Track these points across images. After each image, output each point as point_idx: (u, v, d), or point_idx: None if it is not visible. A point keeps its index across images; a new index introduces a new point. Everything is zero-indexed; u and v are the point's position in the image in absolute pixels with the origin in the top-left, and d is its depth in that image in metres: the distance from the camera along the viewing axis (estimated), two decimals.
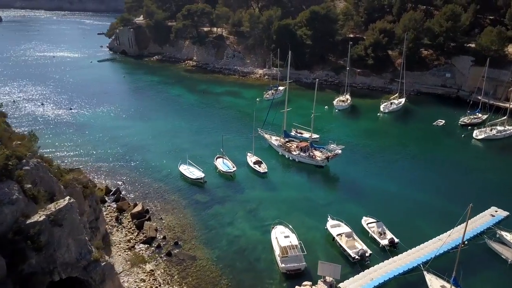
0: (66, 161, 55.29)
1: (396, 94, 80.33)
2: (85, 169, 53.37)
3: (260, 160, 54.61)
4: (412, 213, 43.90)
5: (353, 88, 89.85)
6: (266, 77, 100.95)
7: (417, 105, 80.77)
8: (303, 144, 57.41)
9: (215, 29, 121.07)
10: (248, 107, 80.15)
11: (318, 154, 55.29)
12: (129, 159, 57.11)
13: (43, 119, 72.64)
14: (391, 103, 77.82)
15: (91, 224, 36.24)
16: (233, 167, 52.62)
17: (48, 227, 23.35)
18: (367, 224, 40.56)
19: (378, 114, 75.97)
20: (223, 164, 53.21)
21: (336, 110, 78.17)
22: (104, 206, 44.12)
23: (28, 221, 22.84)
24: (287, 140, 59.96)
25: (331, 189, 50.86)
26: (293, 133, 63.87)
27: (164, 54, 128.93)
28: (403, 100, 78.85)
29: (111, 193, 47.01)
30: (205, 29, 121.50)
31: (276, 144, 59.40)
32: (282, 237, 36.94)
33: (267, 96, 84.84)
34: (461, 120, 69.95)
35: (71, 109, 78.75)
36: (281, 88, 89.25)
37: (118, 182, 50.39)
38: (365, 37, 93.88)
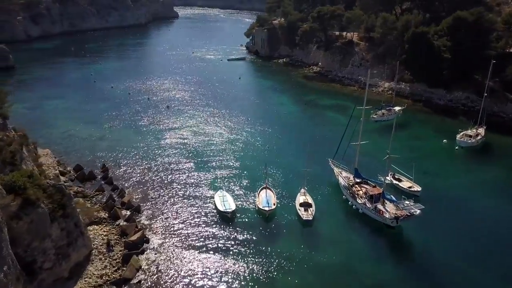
0: (121, 166, 53.65)
1: None
2: (124, 176, 51.09)
3: (310, 202, 43.14)
4: None
5: (498, 119, 68.68)
6: (390, 92, 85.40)
7: None
8: (376, 191, 43.27)
9: (345, 33, 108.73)
10: (350, 127, 67.58)
11: (391, 209, 40.89)
12: (182, 172, 51.89)
13: (139, 117, 73.12)
14: None
15: (59, 250, 32.11)
16: (273, 204, 42.75)
17: None
18: None
19: None
20: (264, 198, 43.64)
21: (457, 147, 59.37)
22: (112, 225, 40.16)
23: None
24: (358, 181, 46.25)
25: (389, 265, 36.22)
26: (388, 178, 47.09)
27: (292, 57, 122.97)
28: None
29: (130, 209, 42.79)
30: (337, 33, 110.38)
31: (342, 184, 46.61)
32: None
33: (375, 116, 70.41)
34: None
35: (167, 107, 78.94)
36: (396, 108, 73.50)
37: (143, 199, 45.71)
38: None
